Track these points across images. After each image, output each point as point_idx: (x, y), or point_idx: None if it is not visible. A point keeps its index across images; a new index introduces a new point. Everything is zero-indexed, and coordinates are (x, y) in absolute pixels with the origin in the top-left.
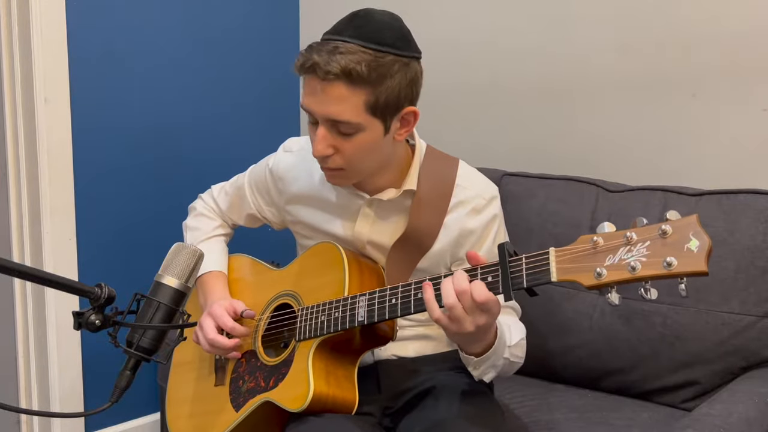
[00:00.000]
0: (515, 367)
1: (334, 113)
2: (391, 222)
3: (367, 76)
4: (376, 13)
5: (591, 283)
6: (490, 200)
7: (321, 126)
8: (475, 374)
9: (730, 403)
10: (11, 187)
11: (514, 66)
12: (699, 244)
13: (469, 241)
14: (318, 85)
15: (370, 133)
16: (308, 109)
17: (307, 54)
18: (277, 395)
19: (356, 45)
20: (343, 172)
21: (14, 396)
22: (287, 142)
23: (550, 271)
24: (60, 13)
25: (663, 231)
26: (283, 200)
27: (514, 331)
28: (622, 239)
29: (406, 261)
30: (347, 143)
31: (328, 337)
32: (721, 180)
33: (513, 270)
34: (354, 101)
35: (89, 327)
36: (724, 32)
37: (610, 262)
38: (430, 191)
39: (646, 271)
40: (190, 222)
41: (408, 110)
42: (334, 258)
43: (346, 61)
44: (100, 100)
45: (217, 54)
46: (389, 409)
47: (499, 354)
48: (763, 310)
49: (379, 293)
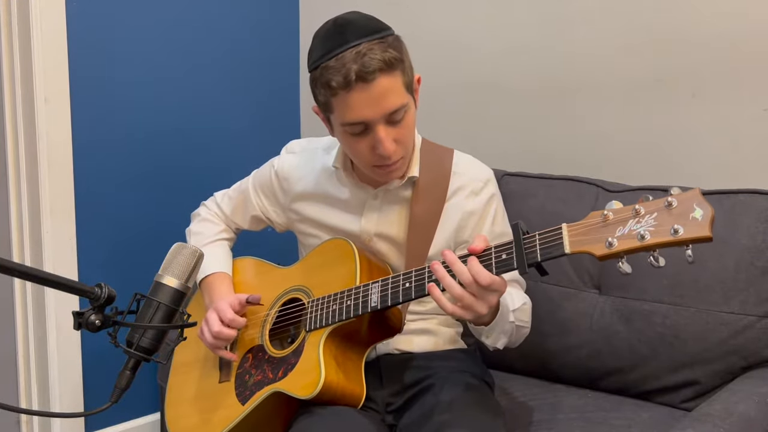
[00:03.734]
0: (523, 332)
1: (389, 106)
2: (394, 212)
3: (398, 57)
4: (348, 16)
5: (603, 252)
6: (486, 182)
7: (378, 127)
8: (488, 343)
9: (730, 403)
10: (11, 187)
11: (514, 66)
12: (703, 213)
13: (470, 222)
14: (364, 92)
15: (411, 109)
16: (361, 119)
17: (337, 72)
18: (286, 384)
19: (367, 42)
20: (402, 161)
21: (14, 396)
22: (289, 144)
23: (564, 244)
24: (60, 13)
25: (669, 203)
26: (289, 200)
27: (516, 297)
28: (630, 212)
29: (419, 250)
30: (402, 129)
31: (339, 325)
32: (721, 180)
33: (527, 245)
34: (397, 85)
35: (89, 327)
36: (724, 32)
37: (620, 233)
38: (429, 180)
39: (655, 239)
40: (194, 227)
41: (416, 78)
42: (344, 251)
43: (379, 55)
44: (100, 100)
45: (217, 53)
46: (391, 404)
47: (506, 318)
48: (763, 310)
49: (392, 278)
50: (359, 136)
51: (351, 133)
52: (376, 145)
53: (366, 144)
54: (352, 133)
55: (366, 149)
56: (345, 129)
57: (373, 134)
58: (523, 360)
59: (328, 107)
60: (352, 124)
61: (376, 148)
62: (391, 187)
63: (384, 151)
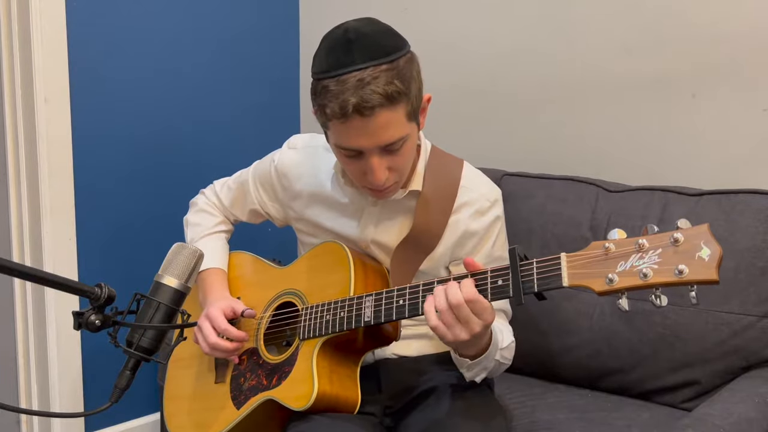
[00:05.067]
0: (503, 368)
1: (386, 139)
2: (395, 222)
3: (402, 90)
4: (361, 27)
5: (602, 289)
6: (494, 203)
7: (372, 156)
8: (467, 375)
9: (730, 403)
10: (11, 187)
11: (515, 66)
12: (710, 253)
13: (470, 242)
14: (361, 122)
15: (412, 138)
16: (355, 148)
17: (335, 99)
18: (280, 393)
19: (373, 68)
20: (396, 185)
21: (14, 396)
22: (292, 139)
23: (562, 276)
24: (60, 13)
25: (675, 239)
26: (288, 197)
27: (506, 334)
28: (633, 246)
29: (409, 262)
30: (398, 157)
31: (332, 336)
32: (721, 180)
33: (524, 274)
34: (398, 119)
35: (89, 327)
36: (724, 32)
37: (621, 268)
38: (435, 192)
39: (658, 279)
40: (191, 217)
41: (425, 98)
42: (339, 257)
43: (381, 88)
44: (100, 100)
45: (217, 53)
46: (390, 408)
47: (491, 357)
48: (763, 310)
49: (386, 294)
50: (352, 158)
51: (345, 155)
52: (367, 171)
53: (358, 167)
54: (346, 155)
55: (357, 171)
56: (338, 150)
57: (366, 161)
58: (523, 360)
59: (324, 124)
60: (346, 149)
61: (367, 174)
62: (390, 197)
63: (375, 180)
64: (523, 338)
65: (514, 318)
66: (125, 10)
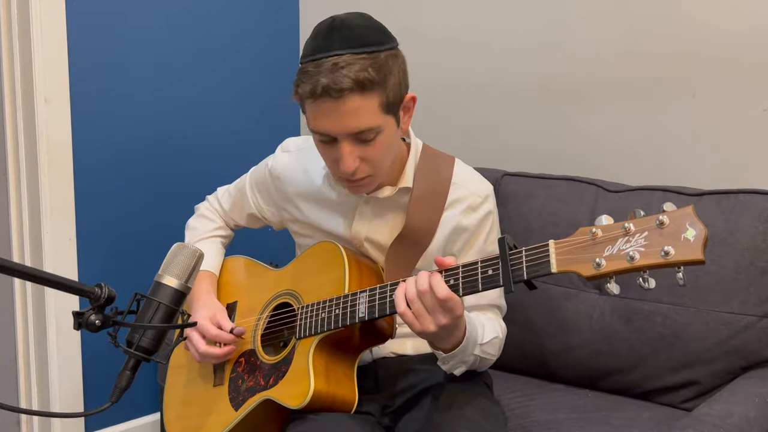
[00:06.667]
0: (487, 363)
1: (356, 125)
2: (388, 219)
3: (375, 80)
4: (350, 19)
5: (590, 273)
6: (486, 198)
7: (343, 142)
8: (444, 368)
9: (730, 403)
10: (11, 187)
11: (514, 66)
12: (695, 233)
13: (461, 237)
14: (331, 105)
15: (387, 131)
16: (325, 131)
17: (308, 79)
18: (277, 393)
19: (351, 55)
20: (370, 179)
21: (14, 396)
22: (285, 143)
23: (550, 262)
24: (60, 13)
25: (660, 221)
26: (282, 199)
27: (488, 330)
28: (620, 230)
29: (405, 259)
30: (371, 149)
31: (328, 334)
32: (721, 180)
33: (513, 262)
34: (370, 107)
35: (89, 327)
36: (724, 32)
37: (608, 252)
38: (427, 189)
39: (645, 261)
40: (192, 222)
41: (408, 97)
42: (333, 256)
43: (353, 73)
44: (100, 100)
45: (217, 53)
46: (388, 407)
47: (469, 351)
48: (763, 310)
49: (379, 289)
50: (327, 144)
51: (319, 140)
52: (338, 159)
53: (332, 155)
54: (320, 140)
55: (331, 160)
56: (313, 135)
57: (338, 148)
58: (523, 360)
59: (302, 109)
60: (318, 133)
61: (339, 162)
62: (381, 195)
63: (344, 167)
64: (523, 338)
65: (514, 319)
66: (125, 11)
